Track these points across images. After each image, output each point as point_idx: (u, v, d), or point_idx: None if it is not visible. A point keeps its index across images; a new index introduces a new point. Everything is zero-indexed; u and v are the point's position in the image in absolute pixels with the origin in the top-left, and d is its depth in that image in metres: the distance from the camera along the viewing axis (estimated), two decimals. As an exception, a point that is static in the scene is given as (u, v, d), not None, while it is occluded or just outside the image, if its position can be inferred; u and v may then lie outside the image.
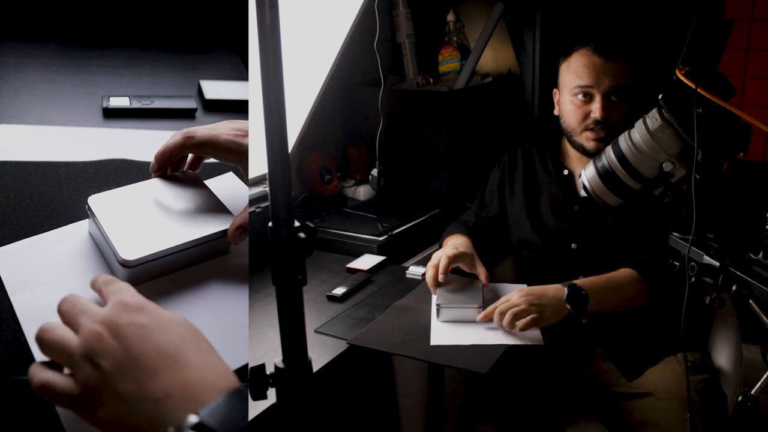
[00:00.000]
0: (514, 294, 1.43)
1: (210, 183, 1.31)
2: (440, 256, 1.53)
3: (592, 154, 1.55)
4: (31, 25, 2.01)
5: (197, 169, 1.32)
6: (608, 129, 1.56)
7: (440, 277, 1.50)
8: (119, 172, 1.42)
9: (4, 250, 1.19)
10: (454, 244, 1.63)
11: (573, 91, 1.58)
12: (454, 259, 1.53)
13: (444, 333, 1.39)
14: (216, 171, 1.44)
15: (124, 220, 1.16)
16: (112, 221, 1.16)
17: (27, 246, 1.20)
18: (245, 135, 1.20)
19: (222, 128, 1.22)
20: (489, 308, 1.41)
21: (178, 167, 1.29)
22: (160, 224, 1.16)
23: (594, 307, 1.45)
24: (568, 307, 1.42)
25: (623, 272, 1.52)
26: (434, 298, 1.50)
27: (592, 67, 1.56)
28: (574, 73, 1.58)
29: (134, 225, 1.16)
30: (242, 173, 1.27)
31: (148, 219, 1.17)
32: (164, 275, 1.15)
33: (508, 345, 1.34)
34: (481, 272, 1.55)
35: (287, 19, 0.86)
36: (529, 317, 1.36)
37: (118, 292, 0.92)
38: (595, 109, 1.55)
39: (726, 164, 1.21)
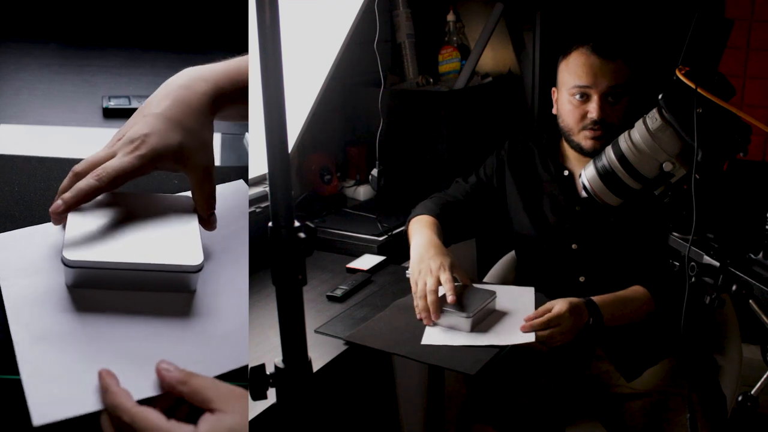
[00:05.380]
0: (565, 314, 1.40)
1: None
2: (429, 295, 1.41)
3: (589, 154, 1.55)
4: (31, 25, 2.01)
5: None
6: (605, 129, 1.55)
7: (434, 317, 1.40)
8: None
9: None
10: (437, 265, 1.46)
11: (571, 90, 1.58)
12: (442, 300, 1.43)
13: (436, 333, 1.39)
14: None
15: (93, 221, 1.13)
16: (81, 219, 1.13)
17: (22, 235, 1.20)
18: (142, 142, 1.11)
19: (120, 150, 1.12)
20: (536, 321, 1.38)
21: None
22: (125, 238, 1.12)
23: (606, 323, 1.48)
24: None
25: (633, 290, 1.53)
26: None
27: (590, 67, 1.55)
28: (572, 73, 1.58)
29: (100, 229, 1.13)
30: (175, 171, 1.16)
31: (117, 229, 1.14)
32: (115, 289, 1.11)
33: (499, 346, 1.33)
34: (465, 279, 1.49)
35: (287, 19, 0.86)
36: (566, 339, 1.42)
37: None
38: (592, 109, 1.55)
39: (726, 164, 1.21)
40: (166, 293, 1.12)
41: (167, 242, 1.13)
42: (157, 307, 1.10)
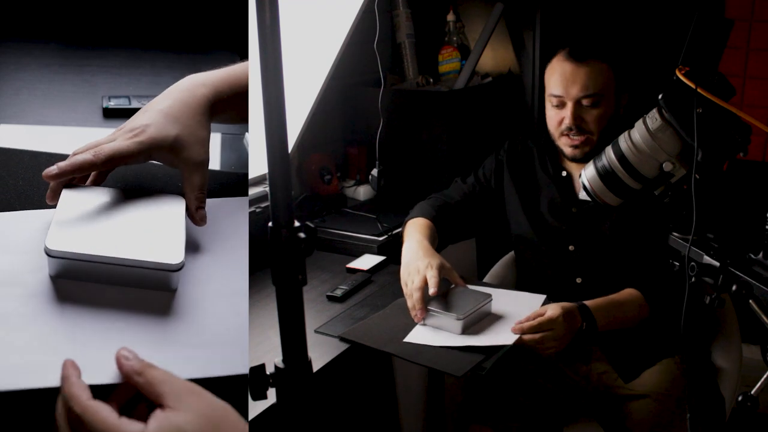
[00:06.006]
0: (558, 318, 1.39)
1: (214, 202, 1.28)
2: (414, 293, 1.43)
3: (572, 159, 1.59)
4: (31, 25, 2.01)
5: (102, 181, 1.26)
6: (583, 135, 1.56)
7: (419, 314, 1.42)
8: (129, 170, 1.42)
9: None
10: (425, 264, 1.47)
11: (549, 98, 1.59)
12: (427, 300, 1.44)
13: (423, 332, 1.39)
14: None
15: (82, 213, 1.14)
16: (70, 211, 1.13)
17: (13, 217, 1.20)
18: (142, 131, 1.17)
19: (119, 137, 1.18)
20: (527, 324, 1.38)
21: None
22: (111, 232, 1.12)
23: (600, 329, 1.48)
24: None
25: (628, 294, 1.53)
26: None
27: (562, 76, 1.55)
28: (549, 80, 1.59)
29: (87, 222, 1.13)
30: (166, 164, 1.21)
31: (105, 223, 1.14)
32: (96, 282, 1.11)
33: (488, 349, 1.33)
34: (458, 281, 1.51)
35: (287, 19, 0.86)
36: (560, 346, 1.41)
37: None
38: (566, 116, 1.56)
39: (726, 164, 1.21)
40: (147, 291, 1.11)
41: (151, 239, 1.13)
42: (136, 303, 1.09)
